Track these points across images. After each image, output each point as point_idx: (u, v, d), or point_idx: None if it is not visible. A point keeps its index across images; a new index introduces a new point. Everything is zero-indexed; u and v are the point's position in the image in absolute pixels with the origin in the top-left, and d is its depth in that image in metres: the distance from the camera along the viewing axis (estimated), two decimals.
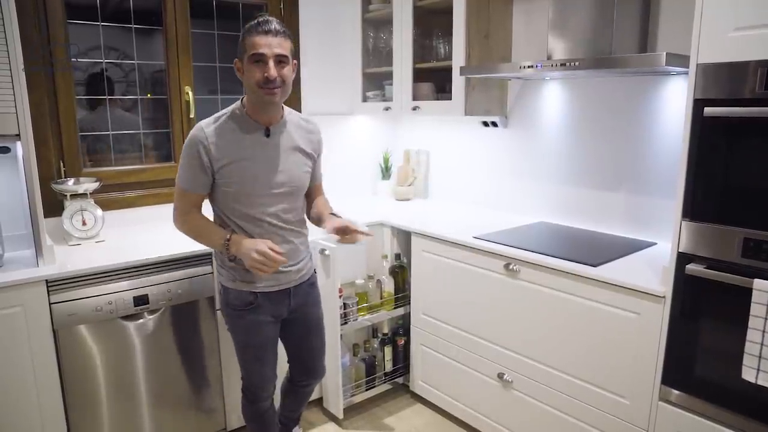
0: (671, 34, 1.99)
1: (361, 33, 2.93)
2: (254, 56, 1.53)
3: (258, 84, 1.55)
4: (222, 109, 1.70)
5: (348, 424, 2.43)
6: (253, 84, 1.56)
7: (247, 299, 1.69)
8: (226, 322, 1.81)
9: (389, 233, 2.60)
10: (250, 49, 1.54)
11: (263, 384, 1.83)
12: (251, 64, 1.54)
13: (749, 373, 1.42)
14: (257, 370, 1.79)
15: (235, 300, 1.70)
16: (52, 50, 2.19)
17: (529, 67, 2.00)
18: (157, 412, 2.06)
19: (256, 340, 1.75)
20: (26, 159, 1.78)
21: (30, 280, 1.74)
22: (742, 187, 1.45)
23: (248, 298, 1.69)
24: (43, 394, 1.81)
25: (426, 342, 2.48)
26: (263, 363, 1.79)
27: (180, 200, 1.65)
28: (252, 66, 1.54)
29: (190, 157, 1.59)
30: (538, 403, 2.02)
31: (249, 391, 1.86)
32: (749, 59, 1.38)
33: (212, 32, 2.68)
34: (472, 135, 2.82)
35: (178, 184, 1.64)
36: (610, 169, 2.26)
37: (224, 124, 1.62)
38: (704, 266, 1.52)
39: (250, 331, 1.74)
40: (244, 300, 1.69)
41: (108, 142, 2.46)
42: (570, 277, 1.84)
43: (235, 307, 1.71)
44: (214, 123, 1.62)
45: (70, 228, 2.14)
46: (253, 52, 1.53)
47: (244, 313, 1.71)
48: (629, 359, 1.73)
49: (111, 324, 1.91)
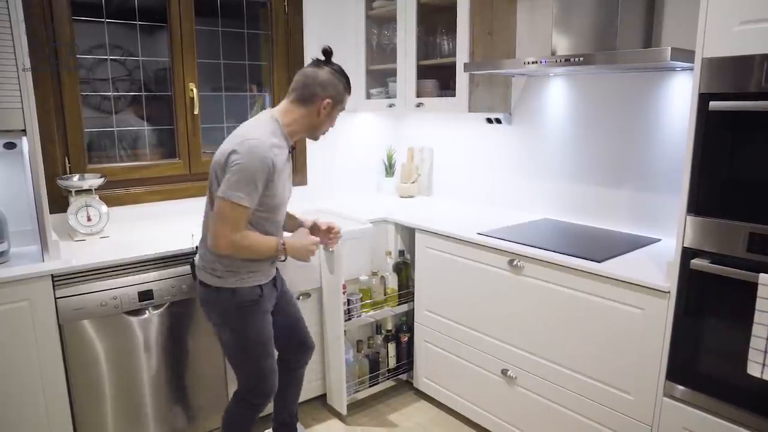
0: (676, 30, 1.98)
1: (364, 30, 2.93)
2: (341, 110, 1.80)
3: (324, 129, 1.79)
4: (225, 106, 1.71)
5: (351, 421, 2.44)
6: (322, 125, 1.77)
7: (256, 293, 1.75)
8: (234, 325, 1.76)
9: (393, 230, 2.60)
10: (344, 102, 1.79)
11: (274, 378, 1.87)
12: (335, 112, 1.77)
13: (754, 368, 1.42)
14: (269, 364, 1.83)
15: (246, 297, 1.73)
16: (58, 47, 2.20)
17: (533, 63, 1.99)
18: (160, 406, 2.07)
19: (266, 332, 1.81)
20: (32, 155, 1.79)
21: (36, 275, 1.75)
22: (747, 182, 1.44)
23: (256, 291, 1.75)
24: (49, 388, 1.82)
25: (430, 338, 2.48)
26: (271, 355, 1.85)
27: (239, 218, 1.61)
28: (334, 113, 1.77)
29: (259, 175, 1.60)
30: (541, 399, 2.02)
31: (258, 392, 1.85)
32: (755, 53, 1.38)
33: (216, 29, 2.69)
34: (476, 132, 2.82)
35: (237, 203, 1.58)
36: (614, 165, 2.25)
37: (278, 142, 1.68)
38: (709, 261, 1.52)
39: (261, 324, 1.79)
40: (254, 295, 1.74)
41: (113, 138, 2.47)
42: (574, 272, 1.84)
43: (247, 304, 1.74)
44: (271, 139, 1.65)
45: (75, 224, 2.16)
46: (343, 106, 1.80)
47: (255, 308, 1.76)
48: (633, 355, 1.72)
49: (116, 319, 1.92)
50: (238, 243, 1.63)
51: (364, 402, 2.57)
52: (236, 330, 1.77)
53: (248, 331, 1.77)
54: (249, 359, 1.81)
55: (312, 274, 2.36)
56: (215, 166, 1.68)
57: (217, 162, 1.66)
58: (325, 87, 1.70)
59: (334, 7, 2.94)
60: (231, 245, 1.62)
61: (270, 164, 1.61)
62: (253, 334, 1.78)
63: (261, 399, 1.86)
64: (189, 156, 2.60)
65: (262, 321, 1.79)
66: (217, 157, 1.67)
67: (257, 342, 1.79)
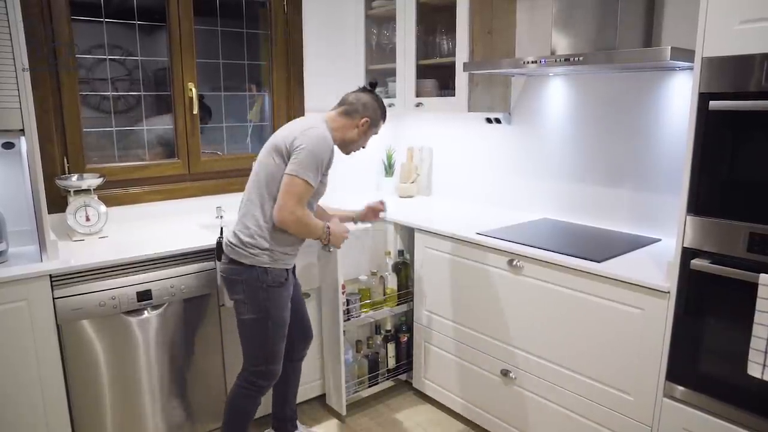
0: (676, 29, 1.98)
1: (364, 29, 2.93)
2: (375, 133, 2.01)
3: (356, 146, 1.99)
4: (225, 105, 1.73)
5: (351, 421, 2.43)
6: (355, 141, 1.96)
7: (283, 275, 1.89)
8: (261, 304, 1.85)
9: (393, 230, 2.60)
10: (378, 126, 2.00)
11: (281, 363, 1.96)
12: (369, 132, 1.98)
13: (755, 368, 1.41)
14: (281, 348, 1.94)
15: (277, 278, 1.86)
16: (57, 47, 2.20)
17: (533, 62, 1.99)
18: (159, 406, 2.07)
19: (286, 316, 1.92)
20: (30, 154, 1.79)
21: (34, 275, 1.74)
22: (747, 182, 1.44)
23: (284, 274, 1.89)
24: (47, 388, 1.81)
25: (429, 338, 2.47)
26: (285, 340, 1.95)
27: (304, 195, 1.80)
28: (368, 133, 1.98)
29: (321, 158, 1.81)
30: (541, 400, 2.02)
31: (268, 374, 1.92)
32: (755, 52, 1.37)
33: (216, 29, 2.69)
34: (475, 132, 2.82)
35: (304, 181, 1.77)
36: (614, 165, 2.25)
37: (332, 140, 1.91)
38: (709, 261, 1.51)
39: (284, 306, 1.91)
40: (281, 277, 1.88)
41: (111, 138, 2.47)
42: (574, 273, 1.84)
43: (276, 284, 1.86)
44: (330, 135, 1.87)
45: (74, 224, 2.15)
46: (377, 130, 2.01)
47: (282, 290, 1.89)
48: (633, 355, 1.72)
49: (114, 319, 1.92)
50: (299, 217, 1.79)
51: (363, 402, 2.56)
52: (261, 309, 1.85)
53: (272, 310, 1.86)
54: (266, 340, 1.88)
55: (311, 274, 2.35)
56: (272, 151, 1.82)
57: (275, 147, 1.81)
58: (366, 108, 1.94)
59: (333, 7, 2.93)
60: (294, 218, 1.78)
61: (331, 153, 1.85)
62: (276, 315, 1.87)
63: (267, 381, 1.93)
64: (188, 156, 2.60)
65: (286, 303, 1.91)
66: (275, 143, 1.82)
67: (278, 324, 1.88)
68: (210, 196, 2.65)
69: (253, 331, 1.88)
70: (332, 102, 2.01)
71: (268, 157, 1.83)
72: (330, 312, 2.36)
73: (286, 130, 1.86)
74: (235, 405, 1.92)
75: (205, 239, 2.12)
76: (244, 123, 2.87)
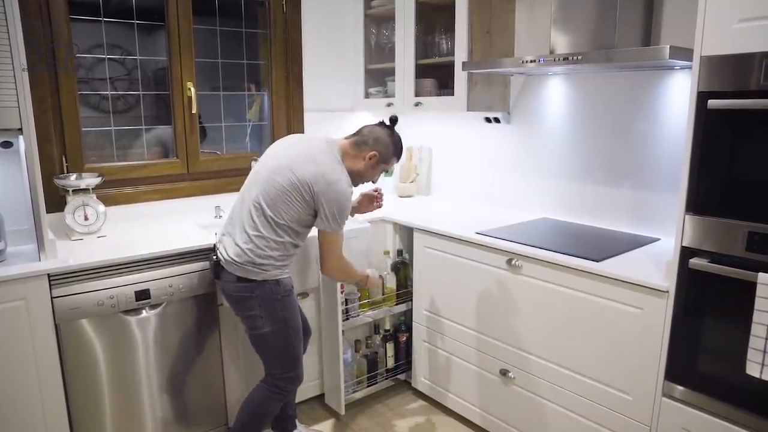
0: (675, 28, 1.98)
1: (363, 29, 2.93)
2: (384, 170, 2.03)
3: (364, 180, 2.00)
4: (224, 104, 1.72)
5: (349, 421, 2.43)
6: (363, 174, 1.97)
7: (291, 281, 1.94)
8: (279, 314, 1.87)
9: (392, 229, 2.60)
10: (389, 163, 2.01)
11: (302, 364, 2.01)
12: (378, 167, 1.98)
13: (753, 368, 1.41)
14: (300, 350, 1.98)
15: (286, 285, 1.90)
16: (56, 47, 2.20)
17: (532, 61, 1.99)
18: (158, 406, 2.07)
19: (299, 319, 1.97)
20: (28, 153, 1.78)
21: (32, 274, 1.74)
22: (746, 181, 1.44)
23: (291, 281, 1.94)
24: (45, 388, 1.81)
25: (428, 338, 2.47)
26: (302, 341, 2.02)
27: (341, 243, 1.92)
28: (377, 168, 1.98)
29: (348, 208, 1.88)
30: (540, 400, 2.02)
31: (295, 378, 1.96)
32: (754, 51, 1.37)
33: (215, 28, 2.69)
34: (474, 131, 2.82)
35: (339, 233, 1.89)
36: (613, 164, 2.25)
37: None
38: (708, 260, 1.51)
39: (296, 311, 1.95)
40: (289, 284, 1.93)
41: (110, 137, 2.47)
42: (573, 272, 1.83)
43: (287, 293, 1.90)
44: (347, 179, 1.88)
45: (73, 223, 2.15)
46: (388, 167, 2.03)
47: (292, 296, 1.94)
48: (632, 355, 1.71)
49: (113, 318, 1.92)
50: (341, 267, 1.97)
51: (362, 402, 2.56)
52: (279, 319, 1.88)
53: (289, 318, 1.90)
54: (287, 347, 1.91)
55: (310, 273, 2.35)
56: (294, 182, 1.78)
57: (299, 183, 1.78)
58: (377, 142, 1.94)
59: (332, 6, 2.93)
60: (337, 269, 1.96)
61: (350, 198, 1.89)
62: (293, 321, 1.92)
63: (294, 385, 1.98)
64: (187, 155, 2.60)
65: (297, 308, 1.96)
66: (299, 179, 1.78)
67: (295, 328, 1.93)
68: (209, 196, 2.65)
69: (274, 342, 1.90)
70: (331, 102, 2.00)
71: (285, 180, 1.79)
72: (329, 312, 2.36)
73: (308, 164, 1.81)
74: (260, 409, 1.95)
75: (203, 239, 2.11)
76: (243, 122, 2.87)
